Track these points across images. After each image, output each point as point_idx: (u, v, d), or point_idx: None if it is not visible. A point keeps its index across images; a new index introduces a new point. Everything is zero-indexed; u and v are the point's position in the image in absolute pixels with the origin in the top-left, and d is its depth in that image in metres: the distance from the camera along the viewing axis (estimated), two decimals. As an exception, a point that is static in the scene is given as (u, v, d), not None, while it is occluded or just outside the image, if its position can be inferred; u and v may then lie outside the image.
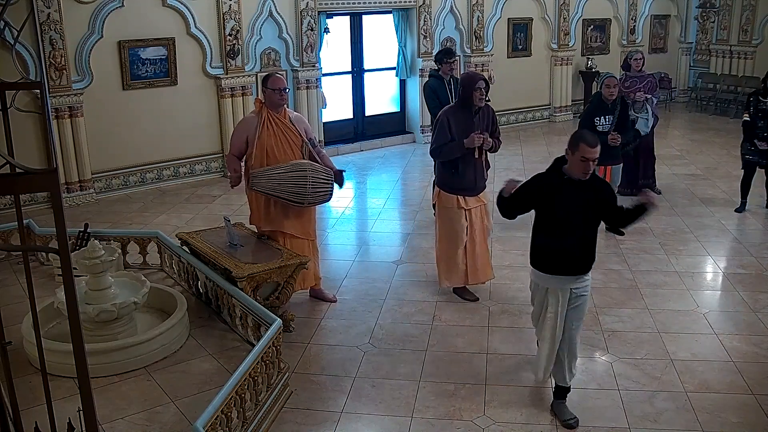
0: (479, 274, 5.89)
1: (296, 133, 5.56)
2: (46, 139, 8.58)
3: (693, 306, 5.76)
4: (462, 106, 5.58)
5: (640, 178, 8.68)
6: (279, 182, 5.34)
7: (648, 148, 8.70)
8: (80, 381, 2.10)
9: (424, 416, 4.31)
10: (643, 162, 8.69)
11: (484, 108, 5.62)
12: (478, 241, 5.80)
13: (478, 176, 5.70)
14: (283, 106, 5.58)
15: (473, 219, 5.74)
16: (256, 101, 5.64)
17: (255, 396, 4.10)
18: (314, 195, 5.42)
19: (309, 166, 5.42)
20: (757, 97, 7.93)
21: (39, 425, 3.44)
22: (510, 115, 13.62)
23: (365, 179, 10.26)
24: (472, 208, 5.72)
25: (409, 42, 12.03)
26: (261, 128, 5.46)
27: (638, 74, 8.48)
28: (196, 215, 8.47)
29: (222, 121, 10.09)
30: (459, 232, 5.73)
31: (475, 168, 5.65)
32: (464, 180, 5.63)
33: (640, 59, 8.56)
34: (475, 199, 5.74)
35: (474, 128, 5.52)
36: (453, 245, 5.77)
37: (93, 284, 4.93)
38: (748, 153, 8.03)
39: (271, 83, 5.50)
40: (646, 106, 8.26)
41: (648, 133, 8.41)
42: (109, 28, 8.96)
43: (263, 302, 5.13)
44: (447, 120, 5.54)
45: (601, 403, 4.43)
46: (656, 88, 8.59)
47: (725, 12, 14.93)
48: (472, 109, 5.54)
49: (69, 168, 8.87)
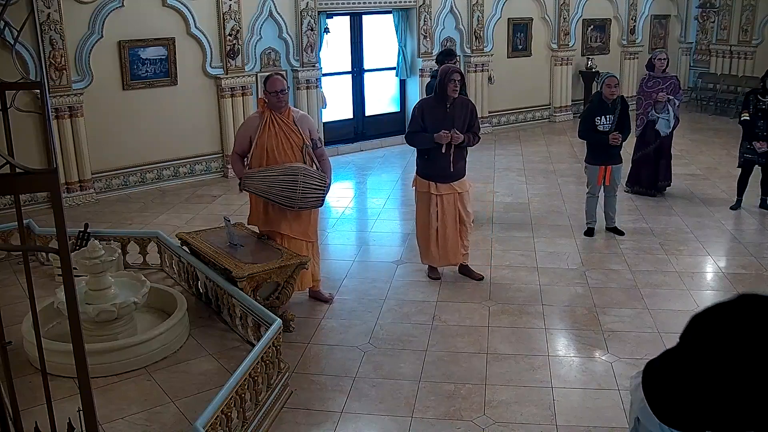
0: (449, 257, 6.25)
1: (298, 134, 5.54)
2: (46, 139, 8.58)
3: (693, 306, 5.76)
4: (436, 97, 5.96)
5: (660, 179, 8.68)
6: (270, 184, 5.33)
7: (668, 148, 8.68)
8: (80, 381, 2.10)
9: (424, 416, 4.31)
10: (664, 163, 8.68)
11: (462, 102, 5.98)
12: (449, 226, 6.13)
13: (449, 165, 5.96)
14: (283, 107, 5.56)
15: (444, 205, 6.08)
16: (259, 100, 5.65)
17: (255, 396, 4.10)
18: (305, 200, 5.40)
19: (302, 170, 5.38)
20: (757, 96, 7.91)
21: (39, 425, 3.45)
22: (510, 115, 13.62)
23: (365, 179, 10.27)
24: (443, 194, 6.06)
25: (409, 42, 12.04)
26: (262, 128, 5.46)
27: (661, 75, 8.42)
28: (196, 215, 8.47)
29: (222, 121, 10.10)
30: (430, 215, 6.10)
31: (446, 158, 5.93)
32: (435, 167, 5.99)
33: (664, 59, 8.49)
34: (448, 186, 6.06)
35: (446, 119, 5.88)
36: (425, 227, 6.18)
37: (93, 284, 4.92)
38: (747, 152, 8.02)
39: (269, 86, 5.50)
40: (668, 107, 8.25)
41: (668, 135, 8.41)
42: (109, 28, 8.96)
43: (263, 302, 5.13)
44: (421, 110, 6.00)
45: (601, 403, 4.43)
46: (679, 90, 8.53)
47: (725, 12, 14.94)
48: (446, 101, 5.88)
49: (69, 168, 8.87)
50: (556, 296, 5.99)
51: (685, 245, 7.17)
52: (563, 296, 6.01)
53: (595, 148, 7.22)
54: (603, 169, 7.19)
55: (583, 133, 7.25)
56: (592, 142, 7.22)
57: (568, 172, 10.11)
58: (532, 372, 4.79)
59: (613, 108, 7.11)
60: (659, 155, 8.57)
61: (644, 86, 8.49)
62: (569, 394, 4.52)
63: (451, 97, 5.86)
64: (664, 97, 8.20)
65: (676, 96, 8.38)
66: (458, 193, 6.12)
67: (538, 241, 7.31)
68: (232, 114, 10.09)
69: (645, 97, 8.42)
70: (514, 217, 8.12)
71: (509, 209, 8.44)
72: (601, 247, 7.17)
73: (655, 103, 8.27)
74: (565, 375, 4.76)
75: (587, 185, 7.44)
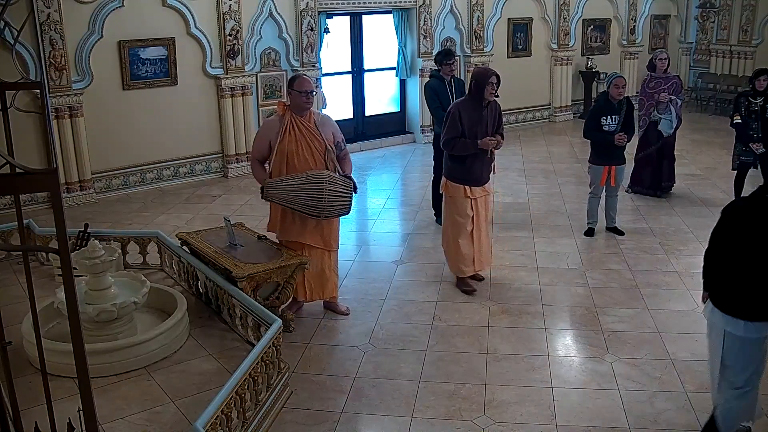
0: (483, 262, 6.19)
1: (320, 140, 5.30)
2: (46, 139, 8.58)
3: (693, 306, 5.76)
4: (473, 99, 5.84)
5: (663, 180, 8.66)
6: (294, 193, 5.13)
7: (670, 149, 8.67)
8: (80, 381, 2.11)
9: (424, 416, 4.31)
10: (667, 163, 8.67)
11: (493, 103, 5.89)
12: (483, 229, 6.08)
13: (484, 169, 5.96)
14: (309, 109, 5.35)
15: (479, 208, 6.00)
16: (279, 104, 5.45)
17: (255, 396, 4.10)
18: (331, 208, 5.21)
19: (327, 177, 5.18)
20: (747, 99, 7.86)
21: (39, 425, 3.44)
22: (510, 115, 13.60)
23: (365, 179, 10.26)
24: (477, 198, 5.96)
25: (409, 42, 12.03)
26: (283, 133, 5.24)
27: (663, 75, 8.40)
28: (196, 215, 8.47)
29: (222, 122, 10.09)
30: (464, 220, 5.97)
31: (483, 162, 5.91)
32: (471, 172, 5.91)
33: (665, 59, 8.47)
34: (481, 189, 5.99)
35: (483, 122, 5.81)
36: (458, 233, 6.00)
37: (93, 284, 4.92)
38: (742, 154, 7.99)
39: (298, 85, 5.26)
40: (670, 108, 8.23)
41: (671, 135, 8.40)
42: (109, 28, 8.96)
43: (263, 302, 5.13)
44: (458, 113, 5.81)
45: (601, 403, 4.43)
46: (681, 90, 8.50)
47: (725, 12, 14.93)
48: (483, 103, 5.79)
49: (69, 168, 8.87)
50: (556, 296, 5.99)
51: (685, 245, 7.16)
52: (563, 296, 6.01)
53: (599, 148, 7.21)
54: (607, 169, 7.19)
55: (589, 133, 7.25)
56: (596, 142, 7.22)
57: (568, 172, 10.11)
58: (532, 372, 4.79)
59: (619, 108, 7.10)
60: (662, 156, 8.56)
61: (646, 87, 8.48)
62: (569, 394, 4.52)
63: (487, 100, 5.78)
64: (666, 97, 8.18)
65: (678, 96, 8.36)
66: (488, 195, 6.10)
67: (538, 241, 7.31)
68: (232, 114, 10.09)
69: (647, 98, 8.41)
70: (514, 217, 8.12)
71: (509, 209, 8.44)
72: (601, 247, 7.17)
73: (657, 103, 8.26)
74: (565, 375, 4.76)
75: (590, 185, 7.44)
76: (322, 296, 5.63)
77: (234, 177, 10.14)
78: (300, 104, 5.28)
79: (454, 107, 5.91)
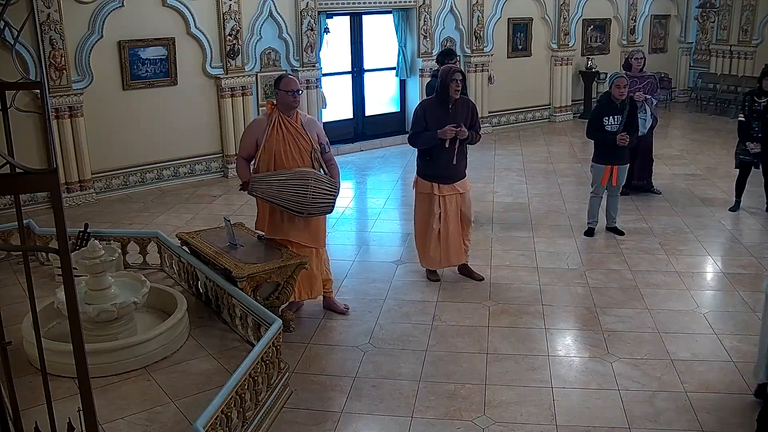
0: (451, 258, 6.22)
1: (307, 139, 5.35)
2: (46, 139, 8.58)
3: (693, 306, 5.76)
4: (438, 97, 5.91)
5: (633, 178, 8.63)
6: (279, 189, 5.17)
7: (646, 149, 8.65)
8: (80, 381, 2.10)
9: (424, 416, 4.31)
10: (639, 162, 8.65)
11: (463, 102, 5.96)
12: (452, 227, 6.11)
13: (451, 165, 5.95)
14: (296, 109, 5.39)
15: (447, 206, 6.05)
16: (267, 103, 5.48)
17: (255, 396, 4.10)
18: (315, 206, 5.24)
19: (312, 175, 5.22)
20: (753, 98, 7.89)
21: (39, 425, 3.44)
22: (510, 115, 13.62)
23: (365, 179, 10.27)
24: (446, 195, 6.03)
25: (409, 42, 12.04)
26: (270, 131, 5.28)
27: (639, 74, 8.44)
28: (196, 215, 8.47)
29: (222, 121, 10.10)
30: (431, 217, 6.05)
31: (449, 157, 5.90)
32: (437, 167, 5.96)
33: (641, 59, 8.53)
34: (450, 187, 6.04)
35: (448, 120, 5.84)
36: (425, 229, 6.12)
37: (93, 284, 4.92)
38: (743, 153, 8.00)
39: (284, 85, 5.32)
40: (645, 107, 8.23)
41: (646, 135, 8.38)
42: (109, 28, 8.96)
43: (263, 302, 5.13)
44: (422, 111, 5.95)
45: (601, 403, 4.43)
46: (656, 89, 8.54)
47: (725, 12, 14.93)
48: (448, 101, 5.86)
49: (69, 168, 8.87)
50: (556, 296, 5.99)
51: (685, 245, 7.17)
52: (563, 296, 6.01)
53: (602, 147, 7.21)
54: (609, 168, 7.19)
55: (591, 133, 7.25)
56: (599, 142, 7.22)
57: (568, 172, 10.12)
58: (532, 372, 4.79)
59: (622, 108, 7.10)
60: (635, 155, 8.49)
61: None
62: (569, 394, 4.52)
63: (452, 98, 5.83)
64: (640, 96, 8.14)
65: (654, 95, 8.38)
66: (460, 194, 6.11)
67: (538, 241, 7.31)
68: (232, 114, 10.09)
69: None
70: (514, 217, 8.12)
71: (509, 209, 8.44)
72: (601, 247, 7.17)
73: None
74: (565, 375, 4.76)
75: (591, 185, 7.44)
76: (311, 295, 5.63)
77: (234, 177, 10.11)
78: (287, 103, 5.34)
79: (420, 106, 6.07)
